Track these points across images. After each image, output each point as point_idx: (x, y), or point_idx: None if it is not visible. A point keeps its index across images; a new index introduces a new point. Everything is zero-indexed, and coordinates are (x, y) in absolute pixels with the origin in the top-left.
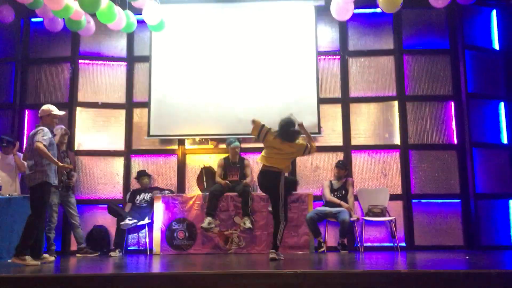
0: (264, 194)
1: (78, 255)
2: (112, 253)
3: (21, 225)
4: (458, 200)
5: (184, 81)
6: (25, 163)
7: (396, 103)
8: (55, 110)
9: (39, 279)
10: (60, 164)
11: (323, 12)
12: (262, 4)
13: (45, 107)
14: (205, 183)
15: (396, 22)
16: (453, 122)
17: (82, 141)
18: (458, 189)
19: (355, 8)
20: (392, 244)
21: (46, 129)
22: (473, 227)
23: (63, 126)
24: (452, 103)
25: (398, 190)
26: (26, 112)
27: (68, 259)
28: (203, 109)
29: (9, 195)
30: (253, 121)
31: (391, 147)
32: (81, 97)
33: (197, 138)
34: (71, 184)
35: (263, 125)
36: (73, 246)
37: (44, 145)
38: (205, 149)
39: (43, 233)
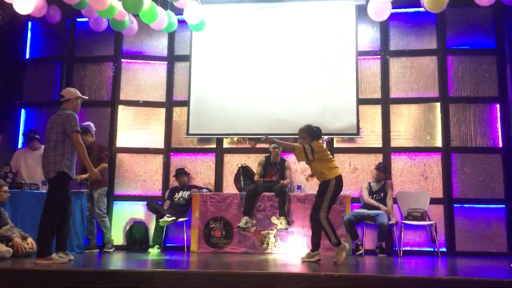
0: (302, 195)
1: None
2: (150, 250)
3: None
4: (503, 206)
5: (223, 81)
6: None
7: (438, 104)
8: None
9: (78, 273)
10: (92, 169)
11: (363, 11)
12: (302, 4)
13: (72, 89)
14: (242, 182)
15: (439, 22)
16: (499, 125)
17: (123, 138)
18: (502, 194)
19: (397, 8)
20: (432, 249)
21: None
22: None
23: (90, 123)
24: (498, 105)
25: (439, 194)
26: None
27: (109, 254)
28: (241, 108)
29: None
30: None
31: (432, 150)
32: (123, 95)
33: (235, 138)
34: (85, 181)
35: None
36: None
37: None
38: (243, 148)
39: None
